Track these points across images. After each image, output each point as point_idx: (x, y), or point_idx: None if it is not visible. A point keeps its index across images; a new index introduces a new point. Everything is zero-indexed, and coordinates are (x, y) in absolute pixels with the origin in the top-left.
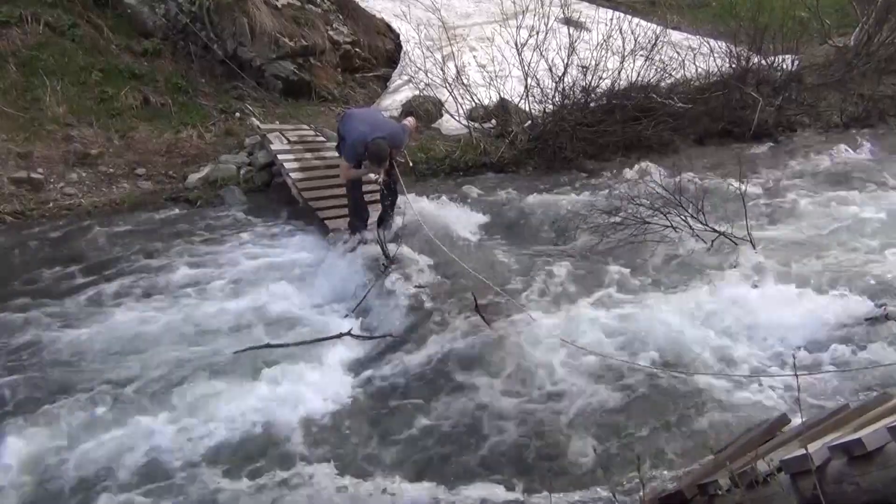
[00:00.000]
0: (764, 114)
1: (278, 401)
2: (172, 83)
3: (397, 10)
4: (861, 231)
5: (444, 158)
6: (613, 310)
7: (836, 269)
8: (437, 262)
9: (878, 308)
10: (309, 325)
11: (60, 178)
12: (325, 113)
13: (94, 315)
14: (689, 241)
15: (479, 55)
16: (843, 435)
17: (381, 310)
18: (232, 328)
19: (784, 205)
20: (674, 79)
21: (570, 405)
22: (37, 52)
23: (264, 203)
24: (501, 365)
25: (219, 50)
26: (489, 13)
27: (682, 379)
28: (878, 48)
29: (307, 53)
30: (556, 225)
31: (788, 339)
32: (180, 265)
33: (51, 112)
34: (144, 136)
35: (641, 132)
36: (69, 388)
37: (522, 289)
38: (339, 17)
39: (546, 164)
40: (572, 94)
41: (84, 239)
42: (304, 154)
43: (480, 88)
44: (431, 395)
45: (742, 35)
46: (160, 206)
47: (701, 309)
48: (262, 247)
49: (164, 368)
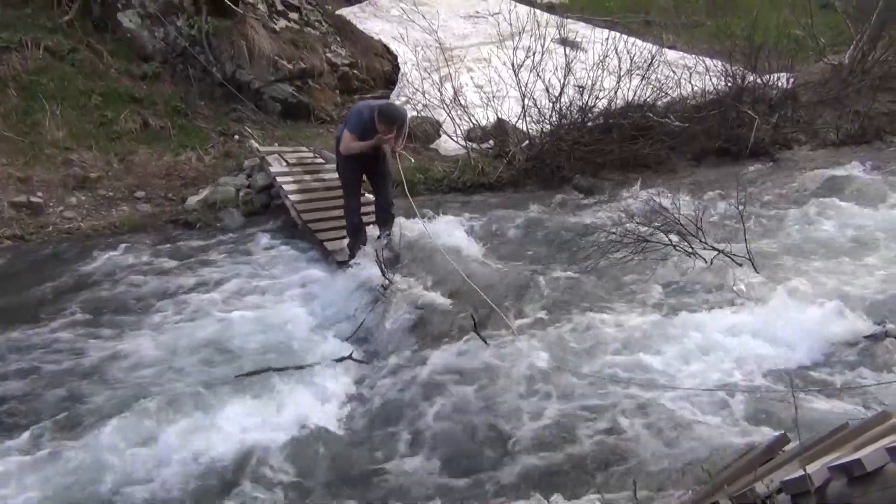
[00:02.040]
0: (760, 132)
1: (278, 425)
2: (172, 106)
3: (395, 32)
4: (860, 248)
5: (442, 179)
6: (612, 329)
7: (836, 287)
8: (435, 282)
9: (878, 325)
10: (309, 348)
11: (60, 202)
12: (323, 135)
13: (89, 340)
14: (689, 260)
15: (476, 76)
16: (842, 455)
17: (381, 331)
18: (232, 352)
19: (782, 222)
20: (670, 98)
21: (566, 427)
22: (37, 77)
23: (264, 225)
24: (499, 387)
25: (217, 73)
26: (486, 34)
27: (678, 400)
28: (873, 65)
29: (305, 76)
30: (555, 244)
31: (788, 357)
32: (179, 288)
33: (50, 136)
34: (144, 159)
35: (639, 151)
36: (56, 416)
37: (521, 308)
38: (337, 40)
39: (544, 183)
40: (569, 114)
41: (82, 262)
42: (303, 176)
43: (478, 109)
44: (431, 418)
45: (737, 53)
46: (159, 229)
47: (701, 327)
48: (260, 269)
49: (163, 394)
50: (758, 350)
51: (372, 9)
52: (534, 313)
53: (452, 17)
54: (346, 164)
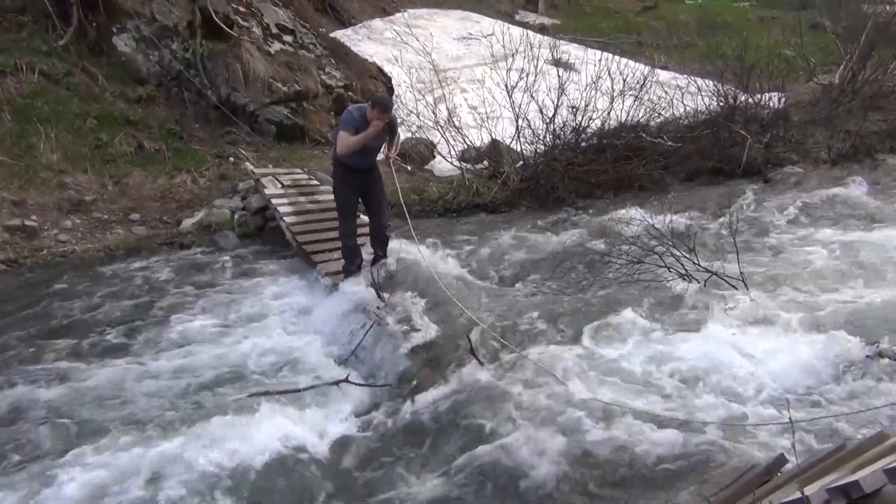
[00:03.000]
0: (752, 151)
1: (273, 448)
2: (166, 129)
3: (389, 54)
4: (853, 268)
5: (437, 200)
6: (606, 351)
7: (829, 307)
8: (431, 304)
9: (872, 346)
10: (304, 371)
11: (54, 226)
12: (318, 156)
13: (82, 364)
14: (682, 281)
15: (470, 97)
16: (840, 476)
17: (377, 354)
18: (227, 375)
19: (774, 242)
20: (663, 118)
21: (562, 450)
22: (31, 101)
23: (258, 247)
24: (496, 410)
25: (212, 96)
26: (479, 56)
27: (674, 422)
28: (863, 85)
29: (300, 98)
30: (549, 264)
31: (782, 378)
32: (174, 311)
33: (45, 159)
34: (139, 182)
35: (632, 171)
36: (52, 445)
37: (517, 329)
38: (332, 62)
39: (538, 203)
40: (563, 135)
41: (77, 286)
42: (298, 198)
43: (472, 130)
44: (427, 442)
45: (729, 74)
46: (154, 252)
47: (694, 350)
48: (255, 291)
49: (159, 419)
50: (752, 371)
51: (366, 31)
52: (528, 334)
53: (446, 39)
54: (343, 185)
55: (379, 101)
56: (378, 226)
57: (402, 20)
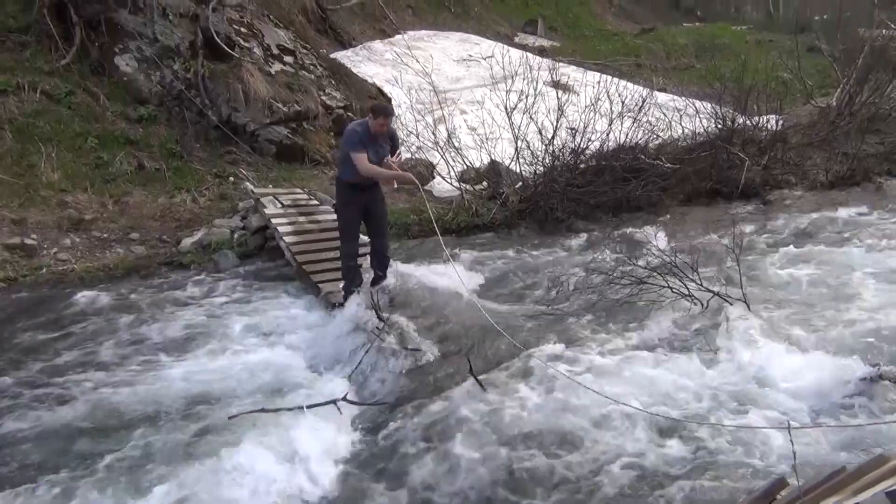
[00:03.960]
0: (751, 173)
1: (269, 467)
2: (167, 148)
3: (389, 75)
4: (851, 289)
5: (436, 220)
6: (608, 373)
7: (829, 329)
8: (430, 324)
9: (873, 368)
10: (303, 390)
11: (54, 244)
12: (318, 176)
13: (79, 384)
14: (685, 301)
15: (469, 118)
16: (841, 500)
17: (376, 374)
18: (226, 393)
19: (774, 263)
20: (661, 140)
21: (557, 471)
22: (33, 120)
23: (258, 267)
24: (495, 431)
25: (213, 115)
26: (479, 77)
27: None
28: (860, 108)
29: (300, 118)
30: (549, 285)
31: (783, 399)
32: (173, 330)
33: (46, 178)
34: (139, 201)
35: (631, 192)
36: (47, 462)
37: (517, 351)
38: (332, 83)
39: (538, 224)
40: (562, 156)
41: (76, 304)
42: (298, 218)
43: (471, 151)
44: (426, 462)
45: (727, 96)
46: (153, 271)
47: (697, 369)
48: (255, 310)
49: (155, 436)
50: (754, 392)
51: (366, 52)
52: (527, 356)
53: (446, 60)
54: (347, 205)
55: (379, 109)
56: (380, 246)
57: (402, 42)
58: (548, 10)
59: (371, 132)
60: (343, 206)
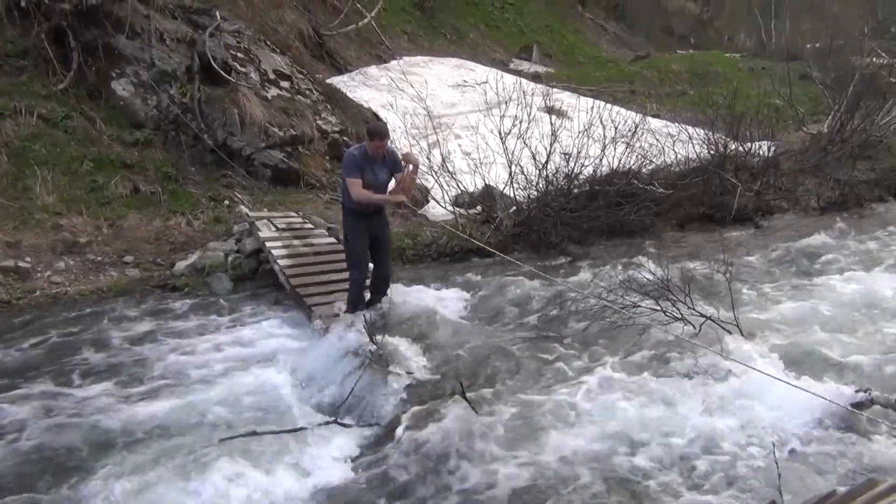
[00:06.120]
0: (743, 199)
1: (261, 490)
2: (163, 172)
3: (384, 100)
4: (844, 315)
5: (430, 244)
6: (600, 397)
7: (821, 354)
8: (424, 347)
9: (864, 393)
10: (296, 412)
11: (48, 267)
12: (313, 200)
13: (70, 408)
14: (677, 326)
15: (463, 143)
16: None
17: (369, 396)
18: (219, 416)
19: (766, 289)
20: (654, 165)
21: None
22: (29, 143)
23: (252, 290)
24: (487, 453)
25: (209, 139)
26: (474, 103)
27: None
28: (852, 135)
29: (296, 142)
30: (542, 310)
31: (775, 424)
32: (166, 353)
33: (41, 201)
34: (133, 224)
35: (624, 217)
36: (37, 487)
37: (510, 374)
38: (328, 107)
39: (531, 248)
40: (556, 181)
41: (67, 328)
42: (292, 241)
43: (466, 175)
44: (417, 485)
45: (720, 122)
46: (147, 294)
47: (688, 394)
48: (248, 333)
49: (143, 459)
50: (744, 416)
51: (361, 77)
52: (521, 380)
53: (441, 86)
54: (356, 233)
55: (374, 131)
56: (384, 273)
57: (397, 67)
58: (543, 36)
59: (369, 154)
60: (351, 234)
